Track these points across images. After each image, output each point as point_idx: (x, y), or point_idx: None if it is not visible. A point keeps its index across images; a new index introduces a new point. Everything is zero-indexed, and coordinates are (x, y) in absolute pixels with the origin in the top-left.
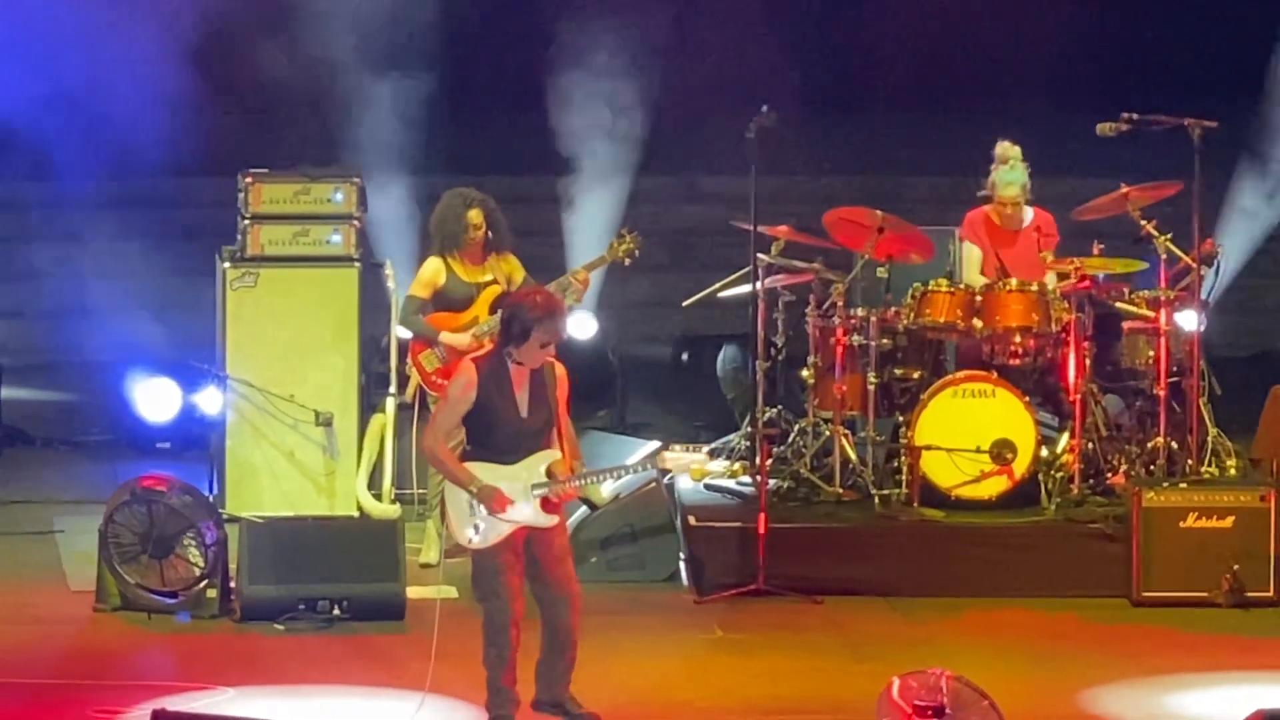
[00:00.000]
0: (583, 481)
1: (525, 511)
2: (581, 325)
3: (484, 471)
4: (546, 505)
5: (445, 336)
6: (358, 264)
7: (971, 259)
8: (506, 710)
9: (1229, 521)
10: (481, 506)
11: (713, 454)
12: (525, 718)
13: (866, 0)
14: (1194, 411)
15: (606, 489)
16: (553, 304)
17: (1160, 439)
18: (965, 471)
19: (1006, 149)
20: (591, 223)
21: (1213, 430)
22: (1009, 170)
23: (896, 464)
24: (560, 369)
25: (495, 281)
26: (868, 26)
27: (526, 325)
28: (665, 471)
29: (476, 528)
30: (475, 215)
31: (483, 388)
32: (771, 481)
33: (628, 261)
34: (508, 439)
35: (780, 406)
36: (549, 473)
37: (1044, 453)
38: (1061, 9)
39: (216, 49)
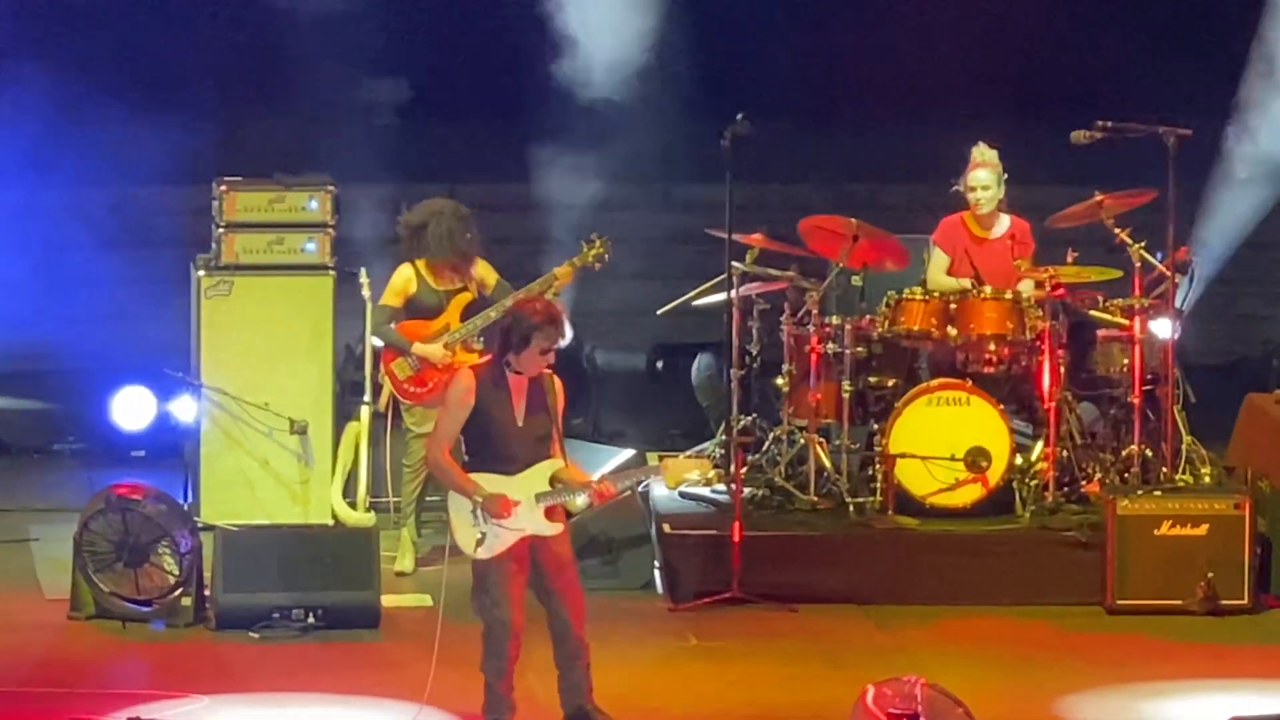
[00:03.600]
0: (588, 491)
1: (530, 519)
2: None
3: (487, 482)
4: (551, 513)
5: (418, 348)
6: (332, 272)
7: (937, 262)
8: (503, 714)
9: (1203, 529)
10: (486, 515)
11: (714, 463)
12: None
13: (840, 9)
14: (1168, 419)
15: (581, 499)
16: (552, 310)
17: (1135, 447)
18: (940, 479)
19: (981, 151)
20: (564, 230)
21: (1187, 438)
22: (974, 175)
23: (871, 472)
24: (558, 381)
25: (466, 289)
26: (842, 35)
27: (526, 332)
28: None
29: (482, 536)
30: (465, 232)
31: (481, 395)
32: (746, 490)
33: (598, 266)
34: (505, 448)
35: (755, 414)
36: (553, 481)
37: (1018, 461)
38: (1035, 17)
39: (189, 58)
